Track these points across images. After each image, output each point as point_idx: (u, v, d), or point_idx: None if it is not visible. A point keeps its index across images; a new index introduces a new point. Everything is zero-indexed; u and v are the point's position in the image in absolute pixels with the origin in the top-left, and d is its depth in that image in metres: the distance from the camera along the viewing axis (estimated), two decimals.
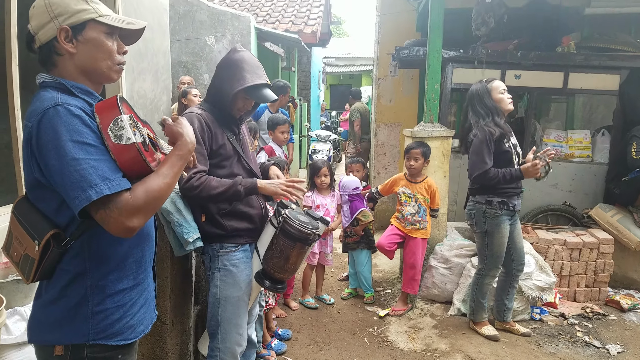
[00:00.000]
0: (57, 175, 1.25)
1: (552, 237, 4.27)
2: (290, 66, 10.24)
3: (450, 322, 3.84)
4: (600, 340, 3.59)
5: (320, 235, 2.26)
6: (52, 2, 1.35)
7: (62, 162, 1.24)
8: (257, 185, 2.22)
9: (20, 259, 1.39)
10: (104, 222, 1.28)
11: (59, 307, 1.38)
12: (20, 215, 1.39)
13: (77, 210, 1.25)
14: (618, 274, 4.51)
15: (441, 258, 4.15)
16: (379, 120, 6.97)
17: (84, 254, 1.38)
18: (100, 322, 1.40)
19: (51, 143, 1.24)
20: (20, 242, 1.38)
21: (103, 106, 1.36)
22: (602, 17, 5.13)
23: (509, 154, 3.37)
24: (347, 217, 4.20)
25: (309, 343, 3.56)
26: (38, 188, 1.34)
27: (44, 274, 1.37)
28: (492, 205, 3.40)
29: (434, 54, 4.28)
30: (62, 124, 1.26)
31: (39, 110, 1.28)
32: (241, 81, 2.19)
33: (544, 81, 4.84)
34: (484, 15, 4.85)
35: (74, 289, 1.38)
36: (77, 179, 1.23)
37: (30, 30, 1.37)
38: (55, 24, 1.34)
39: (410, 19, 6.47)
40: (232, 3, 10.56)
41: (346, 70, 18.07)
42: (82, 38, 1.38)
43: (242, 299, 2.28)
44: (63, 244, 1.34)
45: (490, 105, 3.40)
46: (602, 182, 4.82)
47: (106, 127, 1.32)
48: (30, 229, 1.34)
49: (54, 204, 1.34)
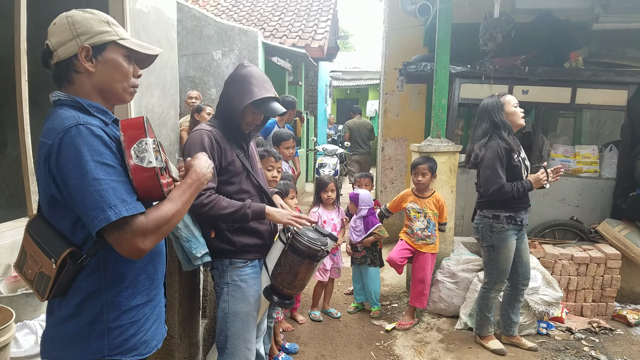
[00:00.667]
0: (76, 194, 1.26)
1: (559, 252, 4.26)
2: (298, 80, 10.32)
3: (456, 337, 3.82)
4: (607, 355, 3.57)
5: (328, 251, 2.27)
6: (75, 21, 1.38)
7: (83, 181, 1.25)
8: (265, 211, 2.24)
9: (35, 277, 1.39)
10: (116, 243, 1.30)
11: (74, 324, 1.39)
12: (35, 233, 1.39)
13: (95, 230, 1.27)
14: (625, 289, 4.48)
15: (448, 272, 4.15)
16: (385, 135, 7.01)
17: (99, 272, 1.39)
18: (116, 337, 1.42)
19: (72, 162, 1.26)
20: (35, 260, 1.38)
21: (129, 125, 1.38)
22: (610, 33, 5.15)
23: (518, 168, 3.39)
24: (360, 232, 4.19)
25: (316, 357, 3.56)
26: (54, 205, 1.35)
27: (59, 291, 1.37)
28: (499, 220, 3.41)
29: (441, 69, 4.32)
30: (84, 143, 1.27)
31: (60, 129, 1.29)
32: (249, 95, 2.22)
33: (552, 96, 4.86)
34: (492, 31, 4.89)
35: (89, 306, 1.39)
36: (97, 199, 1.25)
37: (49, 46, 1.39)
38: (77, 42, 1.38)
39: (418, 34, 6.53)
40: (240, 18, 10.70)
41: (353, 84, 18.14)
42: (101, 58, 1.41)
43: (250, 314, 2.29)
44: (79, 262, 1.34)
45: (498, 121, 3.42)
46: (609, 197, 4.81)
47: (129, 146, 1.34)
48: (46, 247, 1.35)
49: (70, 221, 1.35)
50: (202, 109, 4.88)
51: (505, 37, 4.86)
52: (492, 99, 3.50)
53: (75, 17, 1.39)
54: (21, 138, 3.12)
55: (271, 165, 3.08)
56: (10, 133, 5.04)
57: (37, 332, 2.39)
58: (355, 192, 4.28)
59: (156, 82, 4.69)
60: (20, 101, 3.08)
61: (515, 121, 3.43)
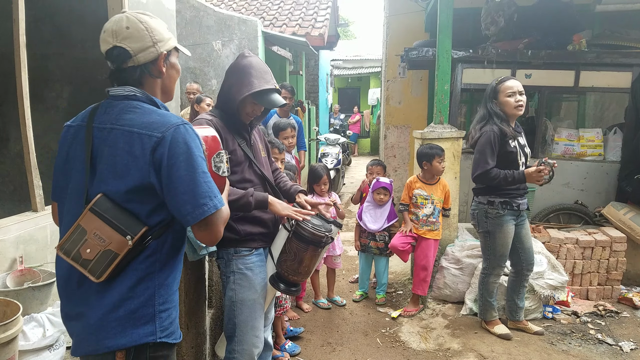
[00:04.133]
0: (184, 184, 1.39)
1: (564, 236, 4.25)
2: (298, 70, 10.26)
3: (462, 322, 3.84)
4: (613, 338, 3.58)
5: (333, 238, 2.27)
6: (151, 28, 1.51)
7: (194, 173, 1.40)
8: (268, 201, 2.23)
9: (96, 255, 1.40)
10: (208, 227, 1.44)
11: (124, 308, 1.42)
12: (104, 212, 1.40)
13: (203, 216, 1.41)
14: (631, 272, 4.48)
15: (452, 259, 4.15)
16: (388, 122, 6.98)
17: (157, 254, 1.47)
18: (164, 320, 1.48)
19: (183, 156, 1.40)
20: (101, 237, 1.40)
21: (209, 137, 1.66)
22: (614, 14, 5.10)
23: (513, 154, 3.36)
24: (381, 223, 4.17)
25: (322, 344, 3.58)
26: (142, 191, 1.42)
27: (116, 272, 1.41)
28: (494, 206, 3.41)
29: (443, 55, 4.28)
30: (191, 140, 1.43)
31: (168, 124, 1.42)
32: (248, 86, 2.20)
33: (555, 80, 4.82)
34: (494, 15, 4.84)
35: (142, 288, 1.44)
36: (206, 190, 1.42)
37: (127, 50, 1.47)
38: (157, 48, 1.51)
39: (419, 19, 6.48)
40: (239, 7, 10.62)
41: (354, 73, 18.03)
42: (169, 62, 1.58)
43: (257, 302, 2.30)
44: (144, 242, 1.43)
45: (489, 109, 3.41)
46: (614, 180, 4.79)
47: (210, 156, 1.61)
48: (120, 225, 1.39)
49: (151, 206, 1.45)
50: (202, 100, 4.87)
51: (508, 21, 4.82)
52: (491, 84, 3.46)
53: (149, 24, 1.50)
54: (23, 133, 3.11)
55: (275, 157, 3.06)
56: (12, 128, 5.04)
57: (45, 325, 2.41)
58: (384, 180, 4.19)
59: None
60: (21, 96, 3.07)
61: (507, 111, 3.35)
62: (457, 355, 3.38)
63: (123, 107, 1.47)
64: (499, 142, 3.32)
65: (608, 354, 3.37)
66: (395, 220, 4.22)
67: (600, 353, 3.38)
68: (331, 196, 4.09)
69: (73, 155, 1.52)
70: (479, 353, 3.38)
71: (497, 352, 3.37)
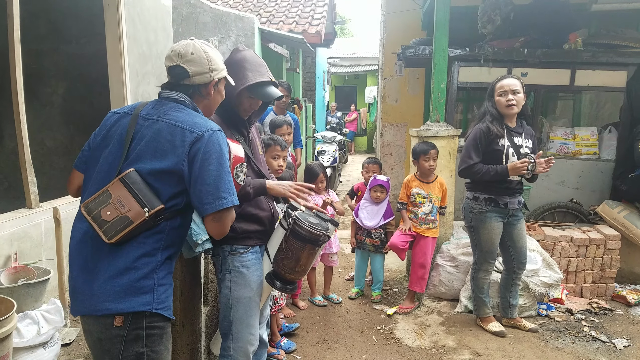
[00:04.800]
0: (212, 176, 1.63)
1: (559, 234, 4.27)
2: (295, 67, 10.24)
3: (457, 319, 3.85)
4: (607, 335, 3.60)
5: (330, 236, 2.26)
6: (210, 58, 1.80)
7: (222, 170, 1.66)
8: (266, 185, 2.23)
9: (113, 219, 1.58)
10: (220, 220, 1.68)
11: (128, 277, 1.59)
12: (131, 183, 1.60)
13: (221, 207, 1.64)
14: (625, 270, 4.51)
15: (448, 256, 4.17)
16: (384, 121, 6.97)
17: (164, 233, 1.66)
18: (162, 293, 1.65)
19: (216, 154, 1.65)
20: (123, 204, 1.58)
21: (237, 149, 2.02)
22: (609, 14, 5.11)
23: (499, 152, 3.38)
24: (377, 219, 4.17)
25: (318, 341, 3.59)
26: (171, 174, 1.64)
27: (125, 238, 1.58)
28: (478, 202, 3.49)
29: (440, 53, 4.28)
30: (224, 144, 1.71)
31: (208, 127, 1.68)
32: (243, 80, 2.19)
33: (551, 79, 4.83)
34: (490, 13, 4.84)
35: (146, 261, 1.61)
36: (228, 186, 1.67)
37: (187, 70, 1.76)
38: (211, 75, 1.81)
39: (416, 17, 6.47)
40: (236, 4, 10.58)
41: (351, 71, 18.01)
42: (217, 88, 1.88)
43: (253, 300, 2.30)
44: (157, 219, 1.62)
45: (486, 106, 3.47)
46: (608, 178, 4.81)
47: (234, 165, 1.92)
48: (142, 197, 1.59)
49: (173, 191, 1.66)
50: None
51: (504, 20, 4.82)
52: (491, 83, 3.49)
53: (209, 54, 1.80)
54: (17, 129, 3.09)
55: (277, 154, 3.02)
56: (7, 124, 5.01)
57: (39, 322, 2.40)
58: (381, 178, 4.19)
59: (152, 70, 4.65)
60: (16, 92, 3.05)
61: (500, 110, 3.39)
62: (452, 352, 3.40)
63: (172, 107, 1.73)
64: (485, 140, 3.38)
65: (602, 351, 3.39)
66: (392, 218, 4.23)
67: (594, 350, 3.40)
68: (328, 194, 4.09)
69: (111, 136, 1.73)
70: (473, 350, 3.39)
71: (491, 349, 3.39)
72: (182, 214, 1.72)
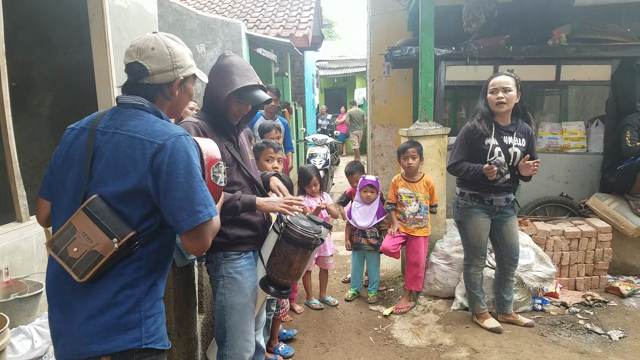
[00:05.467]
0: (182, 190, 1.44)
1: (551, 229, 4.30)
2: (284, 71, 10.25)
3: (453, 317, 3.87)
4: (602, 327, 3.63)
5: (323, 240, 2.26)
6: (174, 54, 1.59)
7: (192, 180, 1.46)
8: (256, 202, 2.21)
9: (82, 255, 1.43)
10: (198, 236, 1.47)
11: (110, 314, 1.44)
12: (95, 212, 1.43)
13: (197, 223, 1.44)
14: (617, 261, 4.55)
15: (442, 254, 4.18)
16: (374, 122, 7.00)
17: (142, 260, 1.49)
18: (151, 325, 1.50)
19: (183, 164, 1.45)
20: (89, 237, 1.43)
21: (210, 148, 1.69)
22: (592, 8, 5.17)
23: (483, 152, 3.41)
24: (370, 219, 4.18)
25: (315, 345, 3.58)
26: (137, 194, 1.46)
27: (99, 274, 1.43)
28: (463, 197, 3.55)
29: (426, 53, 4.31)
30: (191, 150, 1.50)
31: (170, 133, 1.48)
32: (230, 85, 2.19)
33: (537, 75, 4.87)
34: (475, 12, 4.88)
35: (127, 294, 1.46)
36: (202, 198, 1.47)
37: (146, 68, 1.56)
38: (176, 73, 1.60)
39: (401, 18, 6.51)
40: (222, 10, 10.58)
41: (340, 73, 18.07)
42: (183, 87, 1.66)
43: (248, 306, 2.29)
44: (131, 247, 1.45)
45: (479, 104, 3.49)
46: (597, 171, 4.86)
47: (210, 166, 1.64)
48: (109, 227, 1.42)
49: (143, 211, 1.48)
50: None
51: (489, 18, 4.87)
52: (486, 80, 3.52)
53: (174, 50, 1.59)
54: (5, 141, 3.06)
55: (270, 156, 3.05)
56: None
57: (33, 336, 2.38)
58: (370, 178, 4.19)
59: None
60: (2, 104, 3.02)
61: (491, 107, 3.41)
62: (449, 350, 3.41)
63: (129, 115, 1.54)
64: (471, 138, 3.43)
65: (597, 343, 3.42)
66: (385, 217, 4.24)
67: (590, 342, 3.42)
68: (323, 197, 4.10)
69: (72, 155, 1.56)
70: (470, 347, 3.41)
71: (488, 346, 3.40)
72: (160, 234, 1.53)
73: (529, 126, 3.55)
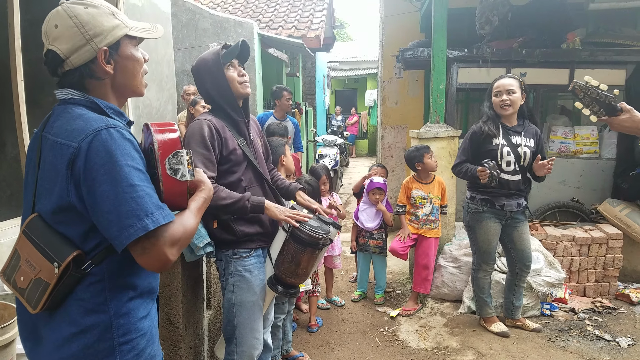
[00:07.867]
0: (107, 201, 1.16)
1: (561, 234, 4.27)
2: (295, 72, 10.27)
3: (460, 320, 3.85)
4: (611, 334, 3.59)
5: (332, 239, 2.25)
6: (83, 22, 1.25)
7: (117, 188, 1.16)
8: (265, 205, 2.21)
9: (29, 285, 1.24)
10: (145, 252, 1.19)
11: (77, 343, 1.24)
12: (34, 235, 1.24)
13: (129, 240, 1.16)
14: (627, 268, 4.50)
15: (450, 257, 4.17)
16: (385, 123, 6.99)
17: (103, 282, 1.26)
18: (128, 353, 1.29)
19: (104, 167, 1.16)
20: (32, 264, 1.24)
21: (162, 132, 1.29)
22: (607, 12, 5.11)
23: (493, 152, 3.39)
24: (377, 221, 4.18)
25: (321, 344, 3.59)
26: (66, 211, 1.22)
27: (54, 303, 1.24)
28: (474, 201, 3.52)
29: (438, 54, 4.30)
30: (116, 147, 1.18)
31: (87, 131, 1.19)
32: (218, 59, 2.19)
33: (550, 78, 4.84)
34: (488, 14, 4.86)
35: (93, 320, 1.25)
36: (133, 207, 1.16)
37: (58, 53, 1.26)
38: (93, 46, 1.26)
39: (414, 20, 6.50)
40: (235, 10, 10.63)
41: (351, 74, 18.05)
42: (117, 57, 1.32)
43: (256, 304, 2.30)
44: (82, 268, 1.23)
45: (484, 106, 3.49)
46: (609, 177, 4.81)
47: (164, 158, 1.26)
48: (48, 250, 1.21)
49: (81, 229, 1.23)
50: (197, 102, 4.89)
51: (502, 20, 4.84)
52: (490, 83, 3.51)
53: (81, 17, 1.25)
54: (19, 137, 3.11)
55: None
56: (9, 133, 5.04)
57: None
58: (377, 180, 4.17)
59: (152, 76, 4.67)
60: (17, 100, 3.07)
61: (496, 110, 3.41)
62: (455, 353, 3.39)
63: (58, 113, 1.27)
64: (477, 139, 3.43)
65: (606, 349, 3.38)
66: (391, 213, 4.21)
67: (598, 349, 3.39)
68: (332, 196, 4.10)
69: (28, 165, 1.35)
70: (477, 351, 3.39)
71: (495, 350, 3.38)
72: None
73: (536, 127, 3.53)
